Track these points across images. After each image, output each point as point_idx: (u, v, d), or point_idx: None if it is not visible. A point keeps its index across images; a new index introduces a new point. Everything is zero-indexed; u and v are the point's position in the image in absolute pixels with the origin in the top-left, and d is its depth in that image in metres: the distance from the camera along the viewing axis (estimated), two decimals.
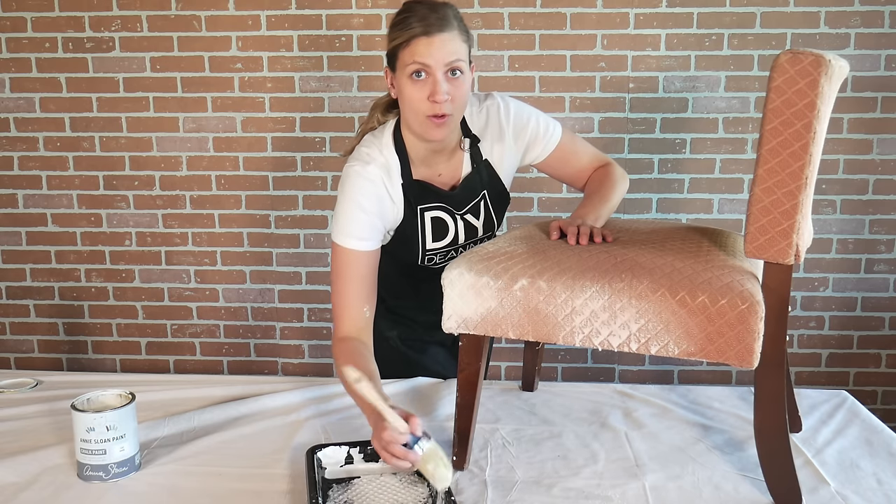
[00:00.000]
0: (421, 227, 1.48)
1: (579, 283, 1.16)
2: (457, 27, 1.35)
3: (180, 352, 2.84)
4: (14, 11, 2.62)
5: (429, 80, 1.34)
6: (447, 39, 1.33)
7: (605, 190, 1.51)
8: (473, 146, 1.49)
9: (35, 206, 2.76)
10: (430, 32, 1.32)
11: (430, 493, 1.17)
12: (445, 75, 1.34)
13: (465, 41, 1.37)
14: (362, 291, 1.43)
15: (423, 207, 1.47)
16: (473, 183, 1.51)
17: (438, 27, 1.32)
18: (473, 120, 1.50)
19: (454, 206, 1.50)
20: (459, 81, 1.36)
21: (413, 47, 1.33)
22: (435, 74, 1.33)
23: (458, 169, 1.50)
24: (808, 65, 1.02)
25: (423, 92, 1.34)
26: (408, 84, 1.35)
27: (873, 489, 1.21)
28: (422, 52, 1.32)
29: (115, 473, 1.23)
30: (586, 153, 1.60)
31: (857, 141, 2.58)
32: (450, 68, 1.34)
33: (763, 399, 1.15)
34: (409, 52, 1.34)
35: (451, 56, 1.33)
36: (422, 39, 1.32)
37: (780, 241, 1.08)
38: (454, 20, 1.36)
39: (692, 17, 2.53)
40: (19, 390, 1.62)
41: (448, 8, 1.37)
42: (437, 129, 1.37)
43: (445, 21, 1.33)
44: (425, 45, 1.32)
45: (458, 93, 1.36)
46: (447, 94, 1.34)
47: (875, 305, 2.67)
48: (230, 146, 2.68)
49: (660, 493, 1.20)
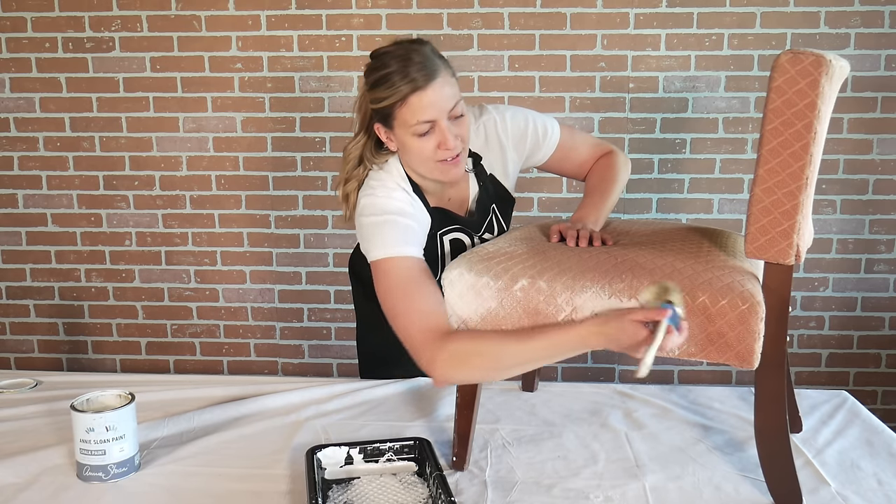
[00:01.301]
0: (441, 251, 1.48)
1: (580, 284, 1.16)
2: (442, 66, 1.29)
3: (180, 352, 2.84)
4: (14, 11, 2.61)
5: (436, 131, 1.29)
6: (441, 85, 1.27)
7: (605, 185, 1.50)
8: (477, 164, 1.47)
9: (35, 206, 2.75)
10: (423, 86, 1.25)
11: (430, 494, 1.17)
12: (451, 121, 1.30)
13: (453, 75, 1.31)
14: (436, 289, 1.24)
15: (443, 232, 1.47)
16: (484, 201, 1.50)
17: (429, 77, 1.25)
18: (473, 139, 1.47)
19: (473, 229, 1.49)
20: (462, 120, 1.32)
21: (410, 106, 1.26)
22: (441, 125, 1.29)
23: (465, 190, 1.49)
24: (809, 65, 1.02)
25: (432, 143, 1.30)
26: (414, 140, 1.30)
27: (874, 490, 1.21)
28: (423, 109, 1.26)
29: (115, 474, 1.23)
30: (585, 145, 1.57)
31: (857, 141, 2.58)
32: (453, 115, 1.29)
33: (763, 400, 1.15)
34: (407, 112, 1.27)
35: (451, 101, 1.28)
36: (416, 96, 1.25)
37: (781, 241, 1.08)
38: (436, 59, 1.29)
39: (692, 17, 2.52)
40: (19, 390, 1.62)
41: (424, 47, 1.29)
42: (454, 170, 1.33)
43: (432, 67, 1.26)
44: (423, 101, 1.26)
45: (464, 130, 1.33)
46: (457, 136, 1.31)
47: (875, 305, 2.67)
48: (230, 146, 2.68)
49: (660, 494, 1.20)
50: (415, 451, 1.28)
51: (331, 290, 2.76)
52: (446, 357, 1.18)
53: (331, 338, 2.79)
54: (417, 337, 1.21)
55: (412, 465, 1.27)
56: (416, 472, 1.25)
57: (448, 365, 1.18)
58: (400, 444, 1.28)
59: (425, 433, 1.38)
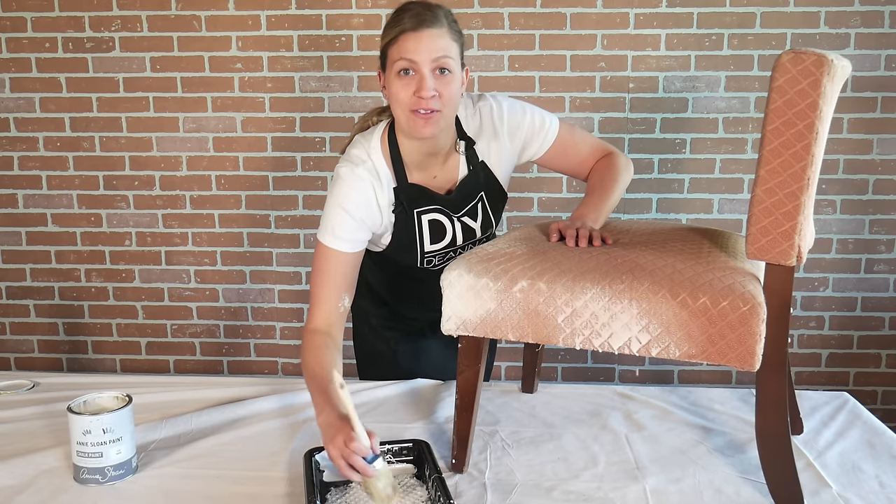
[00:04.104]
0: (419, 229, 1.47)
1: (579, 285, 1.15)
2: (447, 25, 1.34)
3: (180, 352, 2.84)
4: (14, 11, 2.61)
5: (416, 76, 1.33)
6: (435, 35, 1.32)
7: (606, 184, 1.49)
8: (469, 148, 1.48)
9: (35, 206, 2.75)
10: (418, 28, 1.31)
11: (430, 496, 1.16)
12: (434, 73, 1.32)
13: (456, 40, 1.36)
14: (340, 288, 1.43)
15: (420, 210, 1.46)
16: (470, 185, 1.49)
17: (427, 23, 1.31)
18: (468, 122, 1.48)
19: (451, 209, 1.49)
20: (447, 79, 1.34)
21: (400, 43, 1.32)
22: (421, 71, 1.32)
23: (453, 171, 1.49)
24: (811, 64, 1.01)
25: (410, 88, 1.33)
26: (395, 81, 1.34)
27: (875, 492, 1.20)
28: (409, 47, 1.31)
29: (112, 476, 1.22)
30: (586, 144, 1.57)
31: (857, 141, 2.57)
32: (437, 66, 1.32)
33: (764, 402, 1.14)
34: (396, 49, 1.33)
35: (438, 52, 1.32)
36: (409, 35, 1.31)
37: (782, 242, 1.08)
38: (444, 18, 1.34)
39: (692, 17, 2.52)
40: (16, 392, 1.61)
41: (440, 8, 1.36)
42: (425, 126, 1.34)
43: (434, 18, 1.32)
44: (413, 41, 1.31)
45: (447, 91, 1.34)
46: (434, 90, 1.32)
47: (875, 305, 2.67)
48: (230, 146, 2.68)
49: (660, 496, 1.19)
50: (414, 453, 1.27)
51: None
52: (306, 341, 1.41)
53: None
54: (311, 307, 1.44)
55: (411, 468, 1.26)
56: (415, 475, 1.25)
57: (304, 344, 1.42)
58: (399, 446, 1.27)
59: (424, 435, 1.37)
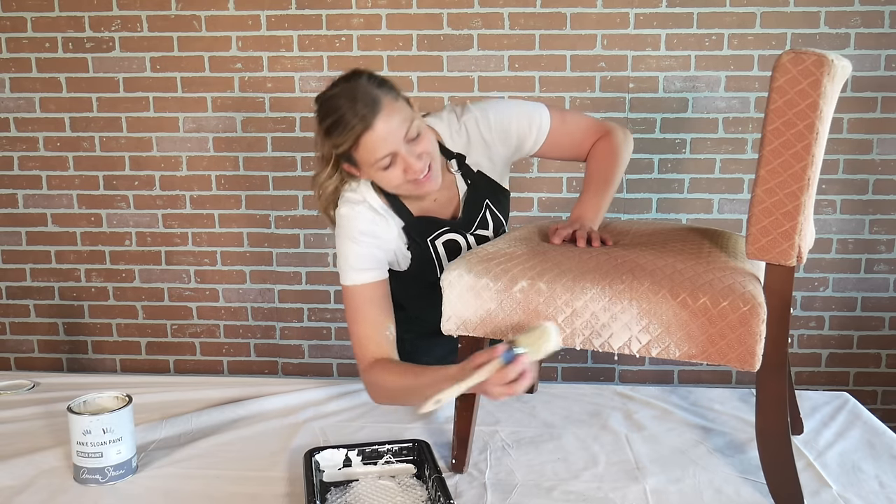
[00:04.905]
0: (435, 254, 1.47)
1: (579, 285, 1.15)
2: (383, 96, 1.28)
3: (180, 352, 2.84)
4: (14, 11, 2.61)
5: (398, 160, 1.30)
6: (387, 117, 1.26)
7: (604, 173, 1.47)
8: (462, 164, 1.46)
9: (35, 206, 2.75)
10: (371, 123, 1.25)
11: (430, 496, 1.16)
12: (408, 144, 1.30)
13: (397, 97, 1.30)
14: (380, 318, 1.39)
15: (433, 238, 1.46)
16: (474, 199, 1.48)
17: (373, 113, 1.25)
18: (455, 139, 1.45)
19: (463, 229, 1.48)
20: (420, 138, 1.31)
21: (364, 146, 1.27)
22: (400, 153, 1.29)
23: (452, 189, 1.48)
24: (811, 65, 1.01)
25: (398, 171, 1.31)
26: (380, 174, 1.32)
27: (875, 492, 1.20)
28: (376, 146, 1.27)
29: (112, 476, 1.22)
30: (580, 129, 1.53)
31: (857, 141, 2.57)
32: (408, 139, 1.29)
33: (765, 402, 1.14)
34: (364, 152, 1.28)
35: (402, 129, 1.28)
36: (368, 135, 1.26)
37: (783, 242, 1.08)
38: (376, 90, 1.28)
39: (692, 17, 2.52)
40: (16, 392, 1.61)
41: (361, 80, 1.29)
42: (428, 185, 1.34)
43: (373, 101, 1.26)
44: (374, 138, 1.26)
45: (426, 147, 1.32)
46: (420, 156, 1.30)
47: (875, 305, 2.67)
48: (230, 146, 2.67)
49: (661, 497, 1.19)
50: (414, 454, 1.27)
51: (331, 290, 2.75)
52: (367, 384, 1.40)
53: (331, 338, 2.79)
54: (356, 358, 1.41)
55: (411, 468, 1.26)
56: (415, 475, 1.25)
57: (369, 390, 1.41)
58: (399, 447, 1.27)
59: (424, 435, 1.37)
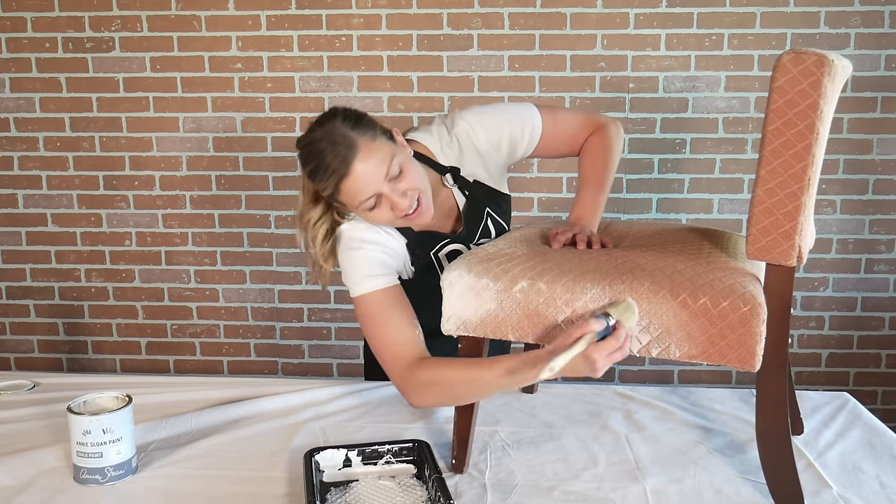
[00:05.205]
0: (439, 266, 1.46)
1: (580, 286, 1.15)
2: (359, 137, 1.25)
3: (180, 352, 2.84)
4: (14, 11, 2.61)
5: (382, 200, 1.27)
6: (364, 160, 1.23)
7: (598, 171, 1.46)
8: (457, 177, 1.44)
9: (35, 206, 2.75)
10: (346, 173, 1.23)
11: (430, 496, 1.16)
12: (391, 182, 1.27)
13: (375, 136, 1.27)
14: (406, 316, 1.31)
15: (436, 251, 1.45)
16: (473, 209, 1.47)
17: (351, 157, 1.23)
18: (446, 153, 1.44)
19: (467, 241, 1.47)
20: (405, 173, 1.28)
21: (347, 191, 1.25)
22: (384, 193, 1.26)
23: (450, 202, 1.47)
24: (811, 65, 1.01)
25: (386, 209, 1.28)
26: (368, 214, 1.30)
27: (876, 492, 1.20)
28: (358, 189, 1.24)
29: (112, 476, 1.22)
30: (571, 125, 1.51)
31: (857, 141, 2.57)
32: (390, 177, 1.26)
33: (765, 402, 1.14)
34: (347, 196, 1.26)
35: (382, 169, 1.25)
36: (347, 181, 1.24)
37: (783, 242, 1.07)
38: (351, 132, 1.25)
39: (692, 17, 2.52)
40: (16, 392, 1.61)
41: (335, 122, 1.26)
42: (420, 218, 1.32)
43: (350, 145, 1.23)
44: (355, 183, 1.24)
45: (412, 181, 1.29)
46: (405, 193, 1.28)
47: (875, 305, 2.67)
48: (230, 146, 2.67)
49: (661, 497, 1.19)
50: (414, 454, 1.27)
51: (331, 289, 2.75)
52: (413, 387, 1.27)
53: (331, 338, 2.79)
54: (389, 367, 1.30)
55: (411, 468, 1.26)
56: (415, 475, 1.25)
57: (416, 394, 1.28)
58: (399, 447, 1.27)
59: (424, 435, 1.37)
